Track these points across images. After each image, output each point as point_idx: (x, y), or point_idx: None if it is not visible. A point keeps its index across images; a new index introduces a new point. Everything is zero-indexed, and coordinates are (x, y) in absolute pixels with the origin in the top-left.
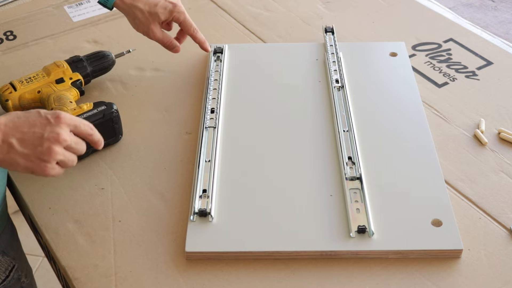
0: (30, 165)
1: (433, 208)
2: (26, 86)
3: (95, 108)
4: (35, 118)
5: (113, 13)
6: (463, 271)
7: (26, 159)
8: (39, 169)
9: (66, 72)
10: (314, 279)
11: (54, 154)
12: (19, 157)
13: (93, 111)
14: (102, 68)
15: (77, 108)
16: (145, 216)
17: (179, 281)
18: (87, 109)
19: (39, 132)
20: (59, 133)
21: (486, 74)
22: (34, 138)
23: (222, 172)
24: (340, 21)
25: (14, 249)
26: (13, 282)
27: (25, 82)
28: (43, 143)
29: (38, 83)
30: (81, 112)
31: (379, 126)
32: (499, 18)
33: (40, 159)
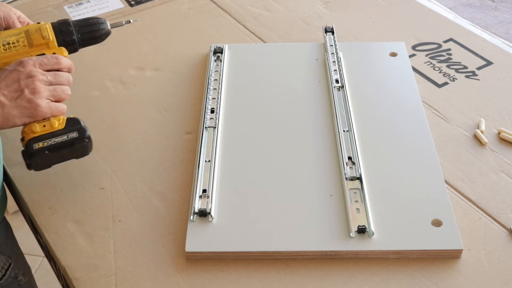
0: (26, 112)
1: (433, 208)
2: (3, 54)
3: (66, 129)
4: (6, 74)
5: (113, 13)
6: (463, 271)
7: (18, 109)
8: (34, 111)
9: (50, 46)
10: (314, 279)
11: (38, 91)
12: (12, 110)
13: (62, 137)
14: (93, 38)
15: (47, 124)
16: (145, 216)
17: (179, 281)
18: (57, 127)
19: (16, 84)
20: (30, 73)
21: (486, 74)
22: (14, 89)
23: (222, 172)
24: (340, 21)
25: (9, 248)
26: (10, 281)
27: (1, 47)
28: (24, 89)
29: (16, 52)
30: (50, 130)
31: (379, 126)
32: (499, 18)
33: (29, 102)
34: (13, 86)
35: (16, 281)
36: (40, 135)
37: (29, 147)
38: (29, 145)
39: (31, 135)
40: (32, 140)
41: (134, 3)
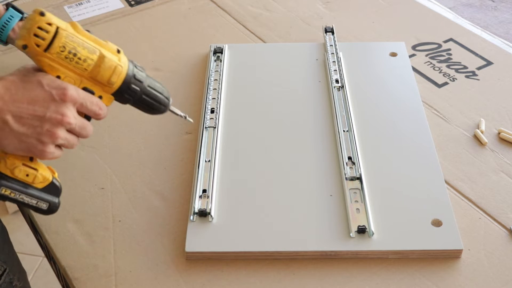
0: (25, 147)
1: (433, 208)
2: (60, 61)
3: (41, 195)
4: (37, 92)
5: (113, 13)
6: (463, 271)
7: (20, 140)
8: (35, 151)
9: (105, 89)
10: (314, 279)
11: (55, 138)
12: (13, 137)
13: (32, 200)
14: (144, 108)
15: (31, 175)
16: (145, 216)
17: (179, 281)
18: (37, 185)
19: (40, 110)
20: (63, 114)
21: (486, 74)
22: (33, 117)
23: (222, 172)
24: (340, 21)
25: (5, 253)
26: (4, 286)
27: (65, 52)
28: (44, 124)
29: (72, 68)
30: (28, 182)
31: (379, 126)
32: (499, 18)
33: (38, 141)
34: (36, 109)
35: (11, 286)
36: (15, 182)
37: None
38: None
39: (7, 172)
40: (4, 179)
41: (134, 3)
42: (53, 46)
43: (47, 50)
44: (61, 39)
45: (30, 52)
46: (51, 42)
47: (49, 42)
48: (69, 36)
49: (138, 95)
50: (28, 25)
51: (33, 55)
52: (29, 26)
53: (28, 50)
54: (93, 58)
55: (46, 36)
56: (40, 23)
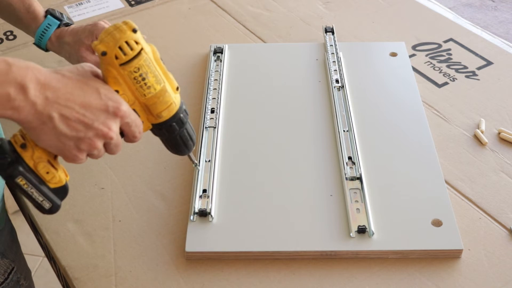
0: (60, 147)
1: (433, 208)
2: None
3: (49, 194)
4: (92, 98)
5: (113, 13)
6: (463, 271)
7: (58, 139)
8: (68, 154)
9: (149, 118)
10: (314, 279)
11: (93, 148)
12: (52, 134)
13: (39, 197)
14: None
15: (51, 173)
16: (145, 216)
17: (179, 281)
18: (51, 184)
19: (89, 118)
20: (110, 128)
21: (486, 74)
22: (80, 122)
23: (222, 172)
24: (340, 21)
25: (13, 252)
26: (12, 285)
27: (137, 73)
28: (88, 132)
29: (133, 89)
30: (44, 178)
31: (379, 126)
32: (499, 18)
33: (76, 146)
34: (86, 115)
35: (18, 285)
36: (34, 175)
37: (15, 171)
38: (17, 170)
39: (30, 163)
40: (25, 170)
41: (134, 3)
42: (130, 64)
43: (122, 65)
44: (139, 61)
45: (105, 59)
46: (130, 60)
47: (129, 59)
48: (147, 60)
49: (174, 134)
50: (116, 35)
51: (105, 63)
52: (117, 37)
53: (104, 57)
54: (156, 88)
55: (129, 53)
56: (129, 39)
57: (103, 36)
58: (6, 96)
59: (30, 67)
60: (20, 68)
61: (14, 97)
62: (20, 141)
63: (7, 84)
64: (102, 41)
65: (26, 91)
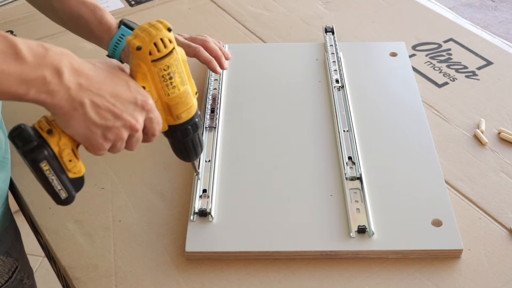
0: (87, 135)
1: (433, 208)
2: (158, 80)
3: (68, 183)
4: (122, 90)
5: (113, 13)
6: (463, 271)
7: (87, 127)
8: (94, 143)
9: (168, 119)
10: (314, 279)
11: (119, 138)
12: (81, 121)
13: (58, 186)
14: (176, 149)
15: (73, 161)
16: (145, 216)
17: (179, 281)
18: (71, 173)
19: (119, 108)
20: (137, 120)
21: (486, 74)
22: (110, 111)
23: (222, 172)
24: (340, 21)
25: (17, 250)
26: (15, 284)
27: (164, 72)
28: (116, 121)
29: (159, 86)
30: (65, 167)
31: (379, 126)
32: (499, 18)
33: (103, 135)
34: (116, 105)
35: (21, 284)
36: (57, 162)
37: (40, 155)
38: (42, 154)
39: (55, 149)
40: (50, 155)
41: (134, 3)
42: (161, 61)
43: (154, 62)
44: (170, 60)
45: (138, 54)
46: (162, 57)
47: (161, 56)
48: (176, 60)
49: (187, 138)
50: (152, 31)
51: (137, 58)
52: (153, 33)
53: (138, 52)
54: (180, 89)
55: (162, 50)
56: (164, 36)
57: (138, 31)
58: (42, 79)
59: (64, 53)
60: (56, 53)
61: (49, 80)
62: (46, 127)
63: (43, 67)
64: (137, 36)
65: (61, 75)
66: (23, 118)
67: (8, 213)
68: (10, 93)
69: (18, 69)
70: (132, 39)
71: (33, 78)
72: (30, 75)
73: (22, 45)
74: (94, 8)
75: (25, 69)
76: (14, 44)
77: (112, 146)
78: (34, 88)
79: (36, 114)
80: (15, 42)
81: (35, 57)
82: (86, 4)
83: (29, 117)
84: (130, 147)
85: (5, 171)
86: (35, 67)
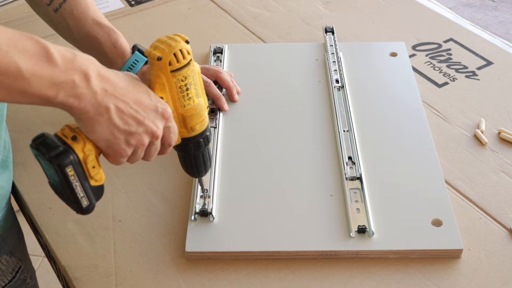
0: (111, 140)
1: (433, 208)
2: (174, 91)
3: (90, 191)
4: (143, 97)
5: (113, 13)
6: (463, 271)
7: (111, 132)
8: (117, 148)
9: (182, 132)
10: (314, 279)
11: (141, 144)
12: (106, 126)
13: (80, 193)
14: (185, 164)
15: (96, 167)
16: (145, 216)
17: (179, 281)
18: (93, 181)
19: (141, 114)
20: (158, 127)
21: (486, 74)
22: (133, 117)
23: (222, 172)
24: (340, 21)
25: (20, 250)
26: (19, 283)
27: (181, 82)
28: (139, 127)
29: (176, 97)
30: (88, 173)
31: (379, 126)
32: (499, 18)
33: (125, 140)
34: (138, 111)
35: (25, 283)
36: (81, 168)
37: (66, 160)
38: (69, 159)
39: (80, 155)
40: (75, 160)
41: (134, 3)
42: (180, 72)
43: (173, 72)
44: (188, 71)
45: (158, 64)
46: (181, 68)
47: (180, 67)
48: (193, 71)
49: (198, 151)
50: (172, 43)
51: (157, 69)
52: (173, 45)
53: (159, 62)
54: (195, 100)
55: (181, 60)
56: (183, 48)
57: (157, 43)
58: (71, 82)
59: (90, 59)
60: (83, 58)
61: (78, 84)
62: (70, 134)
63: (73, 71)
64: (157, 47)
65: (89, 79)
66: (24, 120)
67: (11, 213)
68: (40, 95)
69: (49, 72)
70: (152, 50)
71: (63, 81)
72: (60, 78)
73: (53, 49)
74: (110, 31)
75: (56, 72)
76: (46, 47)
77: (133, 152)
78: (63, 91)
79: (37, 116)
80: (47, 45)
81: (65, 61)
82: (102, 26)
83: (29, 120)
84: (148, 156)
85: (8, 171)
86: (65, 70)
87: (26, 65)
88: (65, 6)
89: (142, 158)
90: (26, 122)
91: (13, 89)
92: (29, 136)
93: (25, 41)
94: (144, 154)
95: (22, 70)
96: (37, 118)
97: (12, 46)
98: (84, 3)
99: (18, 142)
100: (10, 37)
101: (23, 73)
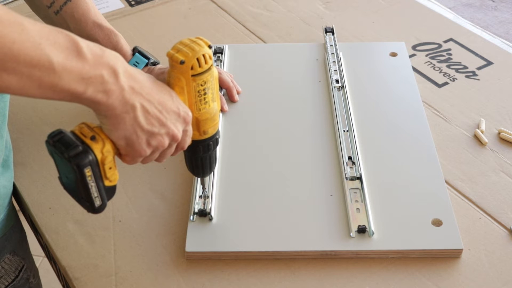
0: (133, 139)
1: (433, 207)
2: (193, 94)
3: (104, 192)
4: (167, 99)
5: (113, 13)
6: (463, 271)
7: (134, 131)
8: (137, 148)
9: (199, 137)
10: (314, 279)
11: (161, 145)
12: (130, 124)
13: (94, 193)
14: (191, 164)
15: (112, 167)
16: (145, 216)
17: (179, 281)
18: (108, 181)
19: (164, 116)
20: (179, 130)
21: (486, 74)
22: (156, 118)
23: (222, 172)
24: (340, 21)
25: (23, 250)
26: (22, 282)
27: (200, 87)
28: (161, 129)
29: (194, 100)
30: (104, 174)
31: (379, 126)
32: (499, 18)
33: (147, 141)
34: (162, 112)
35: (28, 283)
36: (98, 168)
37: (85, 160)
38: (88, 159)
39: (98, 156)
40: (94, 161)
41: (134, 3)
42: (201, 76)
43: (194, 76)
44: (208, 76)
45: (180, 68)
46: (202, 73)
47: (202, 71)
48: (213, 77)
49: (207, 153)
50: (195, 47)
51: (178, 72)
52: (196, 49)
53: (181, 66)
54: (210, 105)
55: (203, 65)
56: (205, 53)
57: (180, 46)
58: (100, 77)
59: (117, 55)
60: (111, 54)
61: (107, 79)
62: (89, 133)
63: (102, 66)
64: (179, 50)
65: (117, 75)
66: (24, 120)
67: (13, 212)
68: (69, 90)
69: (79, 66)
70: (174, 53)
71: (92, 76)
72: (89, 73)
73: (82, 43)
74: (110, 33)
75: (86, 66)
76: (76, 41)
77: (150, 153)
78: (92, 86)
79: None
80: (77, 39)
81: (94, 56)
82: (103, 28)
83: (29, 120)
84: (162, 158)
85: (10, 170)
86: (94, 65)
87: (58, 58)
88: (66, 8)
89: (155, 160)
90: (26, 122)
91: (44, 82)
92: (29, 136)
93: (55, 34)
94: (159, 156)
95: (54, 63)
96: (37, 118)
97: (44, 38)
98: (85, 6)
99: (18, 142)
100: (41, 30)
101: (54, 66)
